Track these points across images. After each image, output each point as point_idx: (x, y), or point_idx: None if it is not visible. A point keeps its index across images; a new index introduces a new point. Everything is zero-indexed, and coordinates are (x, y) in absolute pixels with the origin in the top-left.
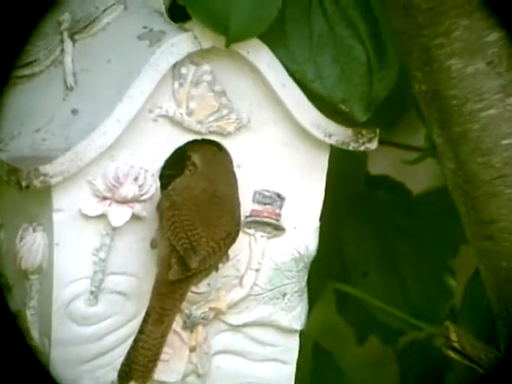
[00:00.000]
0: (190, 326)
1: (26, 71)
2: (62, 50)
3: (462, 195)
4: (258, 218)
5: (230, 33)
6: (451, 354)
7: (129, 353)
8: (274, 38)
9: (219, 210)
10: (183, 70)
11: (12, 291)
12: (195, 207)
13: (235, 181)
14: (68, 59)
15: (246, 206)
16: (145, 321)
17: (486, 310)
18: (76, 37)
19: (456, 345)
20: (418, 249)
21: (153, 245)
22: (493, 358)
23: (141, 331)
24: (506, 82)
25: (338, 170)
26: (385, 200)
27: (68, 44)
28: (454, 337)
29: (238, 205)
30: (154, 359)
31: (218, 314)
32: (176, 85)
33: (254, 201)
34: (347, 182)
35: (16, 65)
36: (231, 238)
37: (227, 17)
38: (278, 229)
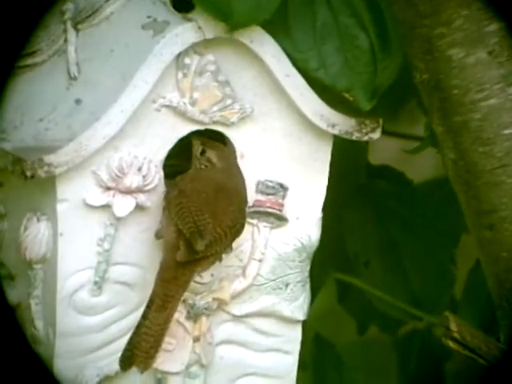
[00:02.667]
0: (194, 316)
1: (29, 61)
2: (66, 40)
3: (462, 185)
4: (261, 209)
5: (232, 20)
6: (451, 344)
7: (131, 338)
8: (278, 27)
9: (227, 200)
10: (187, 60)
11: (14, 281)
12: (204, 194)
13: (242, 176)
14: (71, 49)
15: (250, 196)
16: (148, 307)
17: (486, 300)
18: (79, 26)
19: (456, 335)
20: (418, 238)
21: (158, 235)
22: (493, 349)
23: (144, 317)
24: (507, 72)
25: (339, 160)
26: (386, 190)
27: (71, 33)
28: (453, 327)
29: (246, 200)
30: (155, 346)
31: (221, 304)
32: (180, 75)
33: (257, 191)
34: (348, 172)
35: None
36: (236, 229)
37: (230, 4)
38: (280, 219)
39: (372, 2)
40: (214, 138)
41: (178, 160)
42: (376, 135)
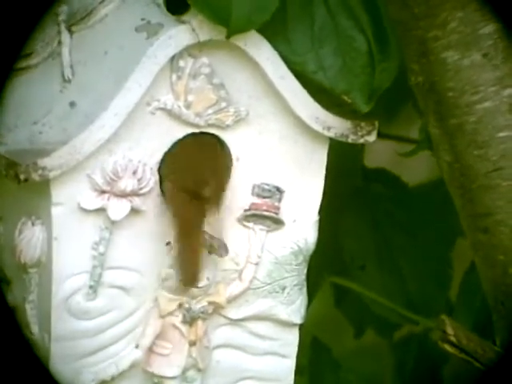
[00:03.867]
0: (190, 320)
1: (24, 63)
2: (60, 42)
3: (458, 188)
4: (257, 212)
5: (231, 24)
6: (447, 347)
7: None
8: (275, 30)
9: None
10: (181, 63)
11: (11, 285)
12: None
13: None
14: (65, 51)
15: (245, 199)
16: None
17: (481, 303)
18: (73, 28)
19: (452, 338)
20: (414, 241)
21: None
22: (488, 352)
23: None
24: (502, 75)
25: (334, 163)
26: (381, 193)
27: (65, 36)
28: (450, 330)
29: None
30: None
31: (217, 308)
32: (174, 77)
33: (253, 194)
34: (344, 176)
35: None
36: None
37: (229, 7)
38: (277, 222)
39: (370, 4)
40: (208, 141)
41: None
42: (372, 138)
